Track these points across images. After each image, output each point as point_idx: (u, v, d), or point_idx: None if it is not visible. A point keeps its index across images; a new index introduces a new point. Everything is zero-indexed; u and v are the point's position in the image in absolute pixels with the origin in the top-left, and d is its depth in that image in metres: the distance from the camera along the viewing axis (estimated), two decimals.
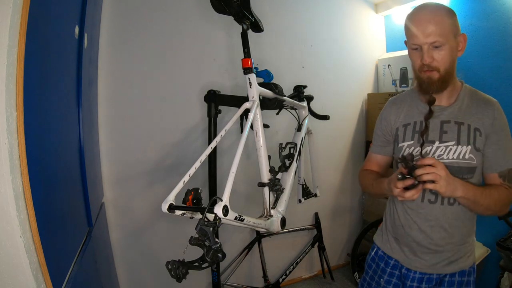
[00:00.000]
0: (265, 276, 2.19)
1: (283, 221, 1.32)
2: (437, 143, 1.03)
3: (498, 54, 1.84)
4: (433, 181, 0.90)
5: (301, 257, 2.34)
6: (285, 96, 1.57)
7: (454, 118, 1.04)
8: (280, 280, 2.23)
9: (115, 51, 1.72)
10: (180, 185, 0.99)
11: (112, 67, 1.72)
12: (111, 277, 1.65)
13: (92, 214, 1.28)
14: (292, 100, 1.68)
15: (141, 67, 1.79)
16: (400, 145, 1.12)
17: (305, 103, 1.85)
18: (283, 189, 1.38)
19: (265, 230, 1.31)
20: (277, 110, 1.66)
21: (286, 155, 1.54)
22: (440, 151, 1.03)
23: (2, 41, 0.65)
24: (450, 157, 1.02)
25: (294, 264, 2.30)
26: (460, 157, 1.01)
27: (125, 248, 1.83)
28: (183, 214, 0.92)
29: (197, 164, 1.04)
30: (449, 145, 1.02)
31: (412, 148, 1.08)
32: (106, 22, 1.68)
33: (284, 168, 1.49)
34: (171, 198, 0.93)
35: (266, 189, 1.30)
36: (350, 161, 2.59)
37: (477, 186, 1.01)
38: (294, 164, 1.52)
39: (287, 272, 2.27)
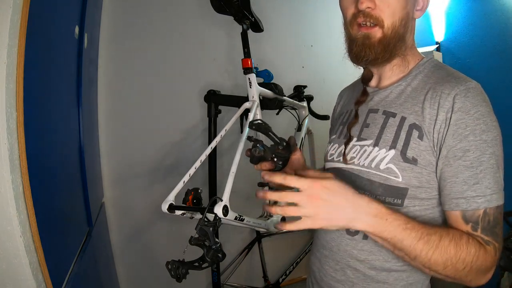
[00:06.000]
0: (265, 276, 2.19)
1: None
2: (354, 140, 0.73)
3: (498, 54, 1.84)
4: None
5: (301, 257, 2.33)
6: (285, 96, 1.56)
7: (385, 106, 0.70)
8: (280, 280, 2.23)
9: (115, 51, 1.72)
10: (180, 185, 0.98)
11: (112, 66, 1.72)
12: (111, 277, 1.66)
13: (92, 214, 1.29)
14: (292, 100, 1.68)
15: (141, 67, 1.78)
16: None
17: (305, 103, 1.85)
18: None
19: (265, 230, 1.31)
20: (277, 110, 1.66)
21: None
22: (354, 153, 0.71)
23: (2, 41, 0.65)
24: (361, 163, 0.68)
25: (294, 264, 2.30)
26: (373, 165, 0.66)
27: (125, 248, 1.83)
28: (183, 214, 0.91)
29: (197, 164, 1.04)
30: (364, 145, 0.70)
31: (331, 144, 0.81)
32: (106, 22, 1.68)
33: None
34: (171, 198, 0.92)
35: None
36: None
37: (422, 223, 0.58)
38: None
39: (287, 272, 2.26)
